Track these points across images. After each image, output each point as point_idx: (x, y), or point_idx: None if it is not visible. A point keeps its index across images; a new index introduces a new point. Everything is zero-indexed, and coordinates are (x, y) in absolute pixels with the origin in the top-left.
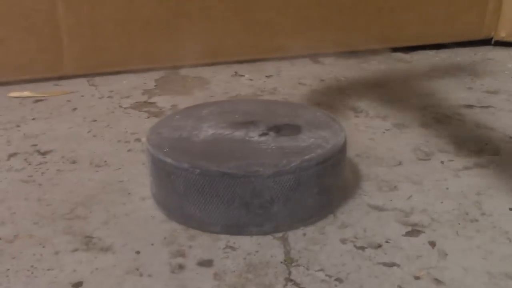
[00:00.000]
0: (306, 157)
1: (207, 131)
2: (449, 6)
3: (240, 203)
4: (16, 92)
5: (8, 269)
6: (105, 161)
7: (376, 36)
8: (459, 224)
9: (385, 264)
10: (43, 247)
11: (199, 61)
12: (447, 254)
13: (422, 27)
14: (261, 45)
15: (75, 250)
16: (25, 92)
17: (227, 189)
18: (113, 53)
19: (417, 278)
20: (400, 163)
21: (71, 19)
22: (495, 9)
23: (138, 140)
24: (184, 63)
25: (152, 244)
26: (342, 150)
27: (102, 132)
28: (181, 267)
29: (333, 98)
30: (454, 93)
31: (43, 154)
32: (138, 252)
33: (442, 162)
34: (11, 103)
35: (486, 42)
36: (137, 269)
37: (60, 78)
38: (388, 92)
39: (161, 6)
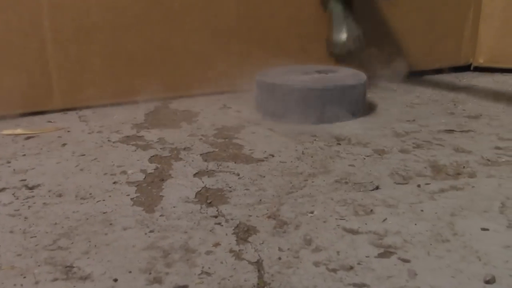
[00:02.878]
0: (362, 76)
1: (301, 77)
2: (427, 35)
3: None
4: (9, 130)
5: None
6: (90, 194)
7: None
8: (431, 244)
9: (355, 285)
10: (24, 277)
11: (184, 93)
12: (416, 274)
13: (400, 56)
14: (244, 77)
15: (55, 279)
16: (18, 130)
17: (341, 96)
18: (100, 87)
19: None
20: (377, 188)
21: (59, 56)
22: (472, 37)
23: (124, 172)
24: (170, 95)
25: (130, 272)
26: None
27: (89, 166)
28: None
29: (316, 127)
30: (436, 118)
31: (31, 188)
32: (115, 280)
33: (418, 186)
34: (4, 140)
35: (469, 68)
36: None
37: (53, 112)
38: (372, 119)
39: (146, 41)
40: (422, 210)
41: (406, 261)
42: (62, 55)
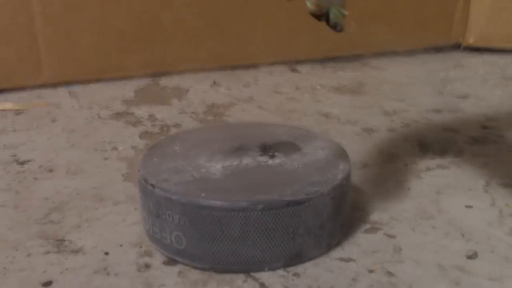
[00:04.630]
0: (341, 167)
1: (214, 166)
2: (417, 14)
3: (304, 229)
4: None
5: None
6: (81, 169)
7: (346, 43)
8: (416, 221)
9: (342, 259)
10: (16, 250)
11: (174, 69)
12: (401, 249)
13: (391, 35)
14: (234, 54)
15: (47, 252)
16: (7, 105)
17: (293, 218)
18: (89, 63)
19: (371, 271)
20: (365, 166)
21: (48, 31)
22: (463, 17)
23: (114, 148)
24: (159, 71)
25: (121, 245)
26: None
27: (79, 142)
28: (147, 266)
29: (306, 105)
30: (425, 98)
31: (22, 163)
32: (107, 253)
33: (405, 164)
34: None
35: (459, 48)
36: (105, 269)
37: (42, 88)
38: (361, 98)
39: (135, 17)
40: (408, 188)
41: (391, 236)
42: (51, 30)
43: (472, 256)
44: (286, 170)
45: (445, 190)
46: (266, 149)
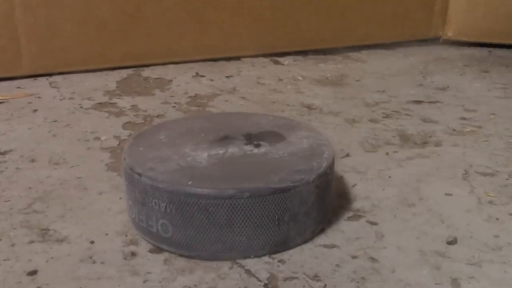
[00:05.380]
0: (326, 155)
1: (200, 155)
2: (398, 7)
3: (290, 216)
4: None
5: None
6: (64, 159)
7: (328, 36)
8: (397, 208)
9: (325, 246)
10: (0, 240)
11: (156, 61)
12: (383, 235)
13: (372, 27)
14: (217, 46)
15: (31, 242)
16: None
17: (279, 205)
18: (70, 53)
19: (354, 257)
20: (347, 155)
21: (28, 21)
22: (442, 10)
23: (97, 138)
24: (141, 63)
25: (107, 234)
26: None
27: (62, 132)
28: (133, 254)
29: (289, 97)
30: (405, 89)
31: (3, 153)
32: (92, 242)
33: (387, 154)
34: None
35: (438, 41)
36: (91, 257)
37: (23, 79)
38: (343, 90)
39: (117, 8)
40: (390, 177)
41: (374, 223)
42: (31, 19)
43: (452, 241)
44: (271, 159)
45: (425, 178)
46: (251, 138)
